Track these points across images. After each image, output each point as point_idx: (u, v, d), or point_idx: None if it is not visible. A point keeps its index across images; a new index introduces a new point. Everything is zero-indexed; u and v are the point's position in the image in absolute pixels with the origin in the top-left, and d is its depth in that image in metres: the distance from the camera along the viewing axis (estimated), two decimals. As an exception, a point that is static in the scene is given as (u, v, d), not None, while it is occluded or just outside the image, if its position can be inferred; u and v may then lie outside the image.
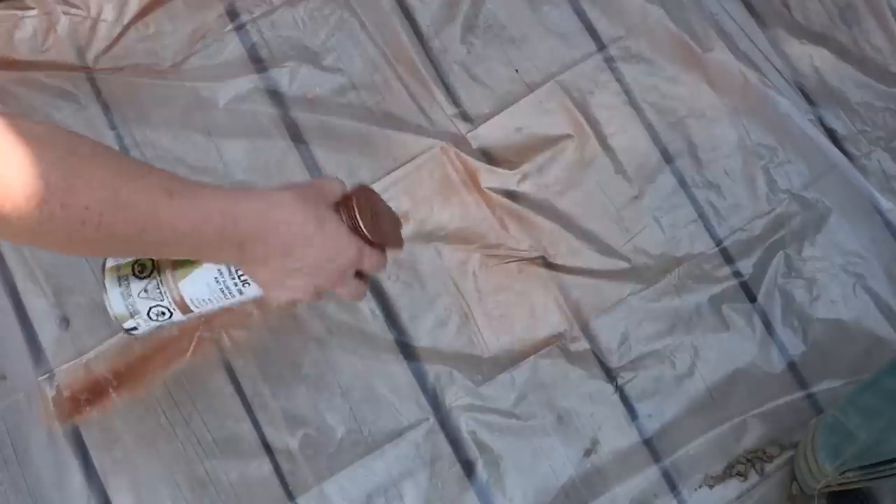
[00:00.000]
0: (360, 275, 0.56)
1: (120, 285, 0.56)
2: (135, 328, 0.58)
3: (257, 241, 0.49)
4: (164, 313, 0.57)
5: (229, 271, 0.55)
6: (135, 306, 0.56)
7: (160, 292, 0.56)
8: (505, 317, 0.99)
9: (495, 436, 0.95)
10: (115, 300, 0.56)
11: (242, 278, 0.55)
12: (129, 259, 0.56)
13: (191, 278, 0.55)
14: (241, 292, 0.56)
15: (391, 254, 0.57)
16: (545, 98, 1.04)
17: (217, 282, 0.55)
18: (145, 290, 0.56)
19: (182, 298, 0.56)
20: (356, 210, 0.52)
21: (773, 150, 1.03)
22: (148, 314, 0.57)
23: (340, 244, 0.52)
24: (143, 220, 0.43)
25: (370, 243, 0.54)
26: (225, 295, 0.56)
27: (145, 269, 0.56)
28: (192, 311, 0.57)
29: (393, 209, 0.62)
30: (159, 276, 0.55)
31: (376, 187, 1.01)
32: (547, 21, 1.07)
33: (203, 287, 0.55)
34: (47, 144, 0.40)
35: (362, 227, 0.52)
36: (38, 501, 0.92)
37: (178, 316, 0.57)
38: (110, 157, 0.44)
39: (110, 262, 0.57)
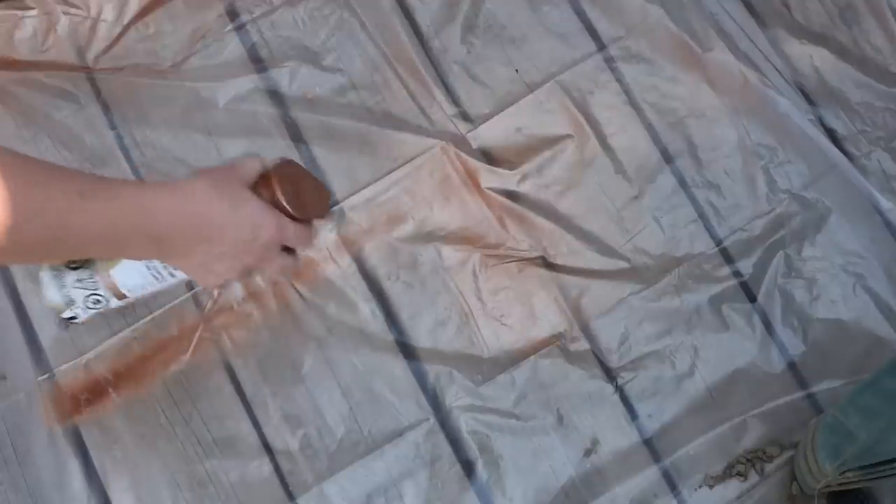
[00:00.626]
0: (288, 249, 0.56)
1: (54, 277, 0.57)
2: (73, 317, 0.59)
3: (174, 235, 0.49)
4: (99, 301, 0.58)
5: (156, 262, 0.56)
6: (70, 296, 0.57)
7: (94, 281, 0.56)
8: (505, 317, 0.99)
9: (495, 436, 0.95)
10: (51, 292, 0.57)
11: (170, 268, 0.56)
12: None
13: (121, 266, 0.56)
14: (172, 276, 0.57)
15: (317, 224, 0.57)
16: (545, 98, 1.04)
17: (148, 269, 0.56)
18: (79, 280, 0.57)
19: (115, 286, 0.57)
20: (275, 186, 0.52)
21: (773, 150, 1.03)
22: (84, 303, 0.58)
23: (258, 223, 0.51)
24: (55, 227, 0.43)
25: (293, 217, 0.54)
26: (157, 279, 0.57)
27: (76, 259, 0.57)
28: (127, 297, 0.58)
29: (319, 179, 0.62)
30: (92, 265, 0.56)
31: (376, 187, 1.01)
32: (547, 21, 1.07)
33: (134, 274, 0.56)
34: None
35: (282, 202, 0.52)
36: (38, 501, 0.92)
37: (114, 302, 0.58)
38: (18, 163, 0.43)
39: None
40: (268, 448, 0.95)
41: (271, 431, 0.95)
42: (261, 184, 0.53)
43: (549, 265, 1.00)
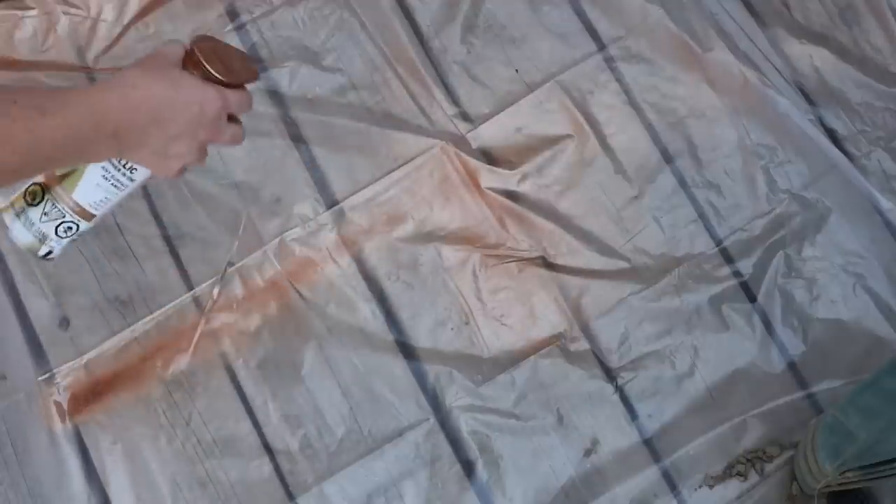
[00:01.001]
0: (231, 118, 0.58)
1: (19, 218, 0.58)
2: (49, 252, 0.60)
3: (128, 126, 0.50)
4: (70, 228, 0.59)
5: (113, 165, 0.57)
6: (41, 231, 0.58)
7: (59, 209, 0.58)
8: (505, 317, 0.98)
9: (495, 436, 0.95)
10: (21, 233, 0.58)
11: (128, 166, 0.57)
12: (17, 193, 0.59)
13: (80, 186, 0.57)
14: (131, 180, 0.58)
15: (251, 87, 0.59)
16: (545, 98, 1.04)
17: (105, 179, 0.57)
18: (45, 213, 0.58)
19: (80, 206, 0.58)
20: (203, 62, 0.54)
21: (773, 150, 1.03)
22: (56, 233, 0.59)
23: (202, 97, 0.53)
24: (24, 149, 0.45)
25: (228, 86, 0.55)
26: (118, 188, 0.58)
27: (36, 195, 0.58)
28: (95, 215, 0.59)
29: (235, 46, 0.64)
30: (51, 195, 0.57)
31: (376, 187, 1.01)
32: (547, 21, 1.07)
33: (94, 188, 0.57)
34: None
35: (214, 73, 0.54)
36: (39, 501, 0.92)
37: (84, 225, 0.59)
38: None
39: (1, 202, 0.59)
40: (268, 448, 0.95)
41: (271, 431, 0.95)
42: (188, 63, 0.55)
43: (549, 265, 1.00)
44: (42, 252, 0.59)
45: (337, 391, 0.96)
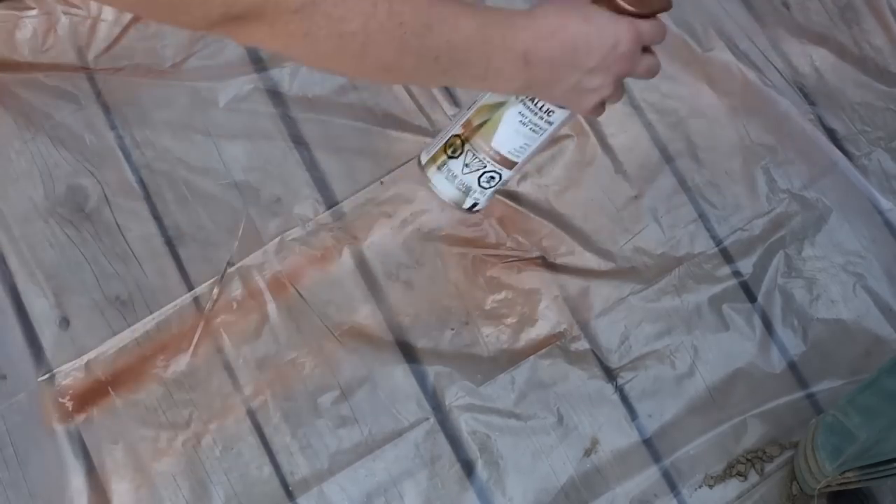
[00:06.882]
0: (646, 49, 0.56)
1: (442, 172, 0.59)
2: (475, 204, 0.60)
3: (540, 53, 0.49)
4: (493, 177, 0.59)
5: (529, 108, 0.56)
6: (464, 184, 0.59)
7: (479, 160, 0.58)
8: (505, 317, 0.99)
9: (495, 436, 0.95)
10: (445, 187, 0.59)
11: (544, 109, 0.56)
12: (437, 147, 0.59)
13: (499, 133, 0.57)
14: (549, 123, 0.57)
15: (663, 16, 0.57)
16: (545, 98, 1.04)
17: (524, 124, 0.56)
18: (466, 165, 0.58)
19: (501, 155, 0.58)
20: None
21: (773, 150, 1.03)
22: (479, 185, 0.59)
23: (617, 30, 0.52)
24: (448, 35, 0.46)
25: (640, 16, 0.54)
26: (537, 132, 0.57)
27: (455, 147, 0.59)
28: (516, 163, 0.59)
29: None
30: (471, 146, 0.58)
31: (376, 187, 1.01)
32: (547, 21, 1.06)
33: (513, 134, 0.57)
34: None
35: (625, 6, 0.53)
36: (39, 501, 0.92)
37: (506, 174, 0.59)
38: None
39: (424, 158, 0.60)
40: (268, 448, 0.95)
41: (271, 431, 0.95)
42: None
43: (549, 265, 1.00)
44: (467, 204, 0.60)
45: (337, 391, 0.96)
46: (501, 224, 1.00)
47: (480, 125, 0.57)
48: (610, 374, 0.97)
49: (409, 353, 0.98)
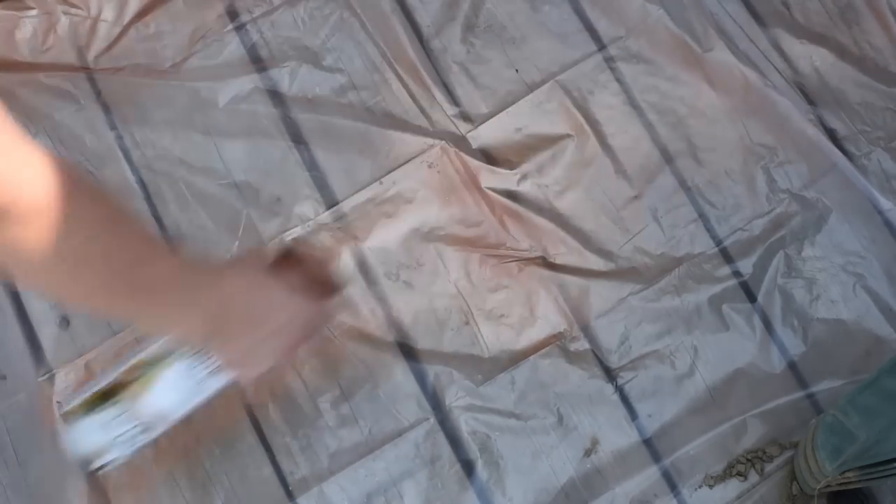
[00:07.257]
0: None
1: (82, 423, 0.59)
2: (112, 461, 0.60)
3: (221, 314, 0.52)
4: (136, 434, 0.58)
5: (188, 370, 0.57)
6: (106, 438, 0.59)
7: (126, 415, 0.58)
8: (505, 317, 0.99)
9: (495, 436, 0.95)
10: (84, 440, 0.58)
11: (205, 372, 0.57)
12: (83, 398, 0.58)
13: (154, 390, 0.58)
14: (205, 389, 0.59)
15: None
16: (545, 98, 1.04)
17: (178, 384, 0.58)
18: (112, 419, 0.58)
19: (155, 410, 0.58)
20: (292, 274, 0.56)
21: (773, 150, 1.03)
22: (121, 439, 0.59)
23: (293, 309, 0.56)
24: (148, 276, 0.48)
25: (316, 298, 0.58)
26: (191, 395, 0.58)
27: (103, 400, 0.58)
28: (169, 419, 0.59)
29: (318, 258, 0.66)
30: (122, 397, 0.58)
31: (376, 187, 1.01)
32: (547, 21, 1.07)
33: (168, 392, 0.58)
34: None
35: (304, 287, 0.56)
36: (39, 502, 0.92)
37: (151, 435, 0.59)
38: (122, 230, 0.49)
39: (67, 405, 0.59)
40: (268, 448, 0.95)
41: (271, 431, 0.95)
42: (278, 269, 0.57)
43: (549, 265, 1.00)
44: (103, 461, 0.59)
45: (337, 391, 0.96)
46: (501, 224, 1.00)
47: (134, 380, 0.56)
48: (610, 374, 0.97)
49: (409, 353, 0.98)
